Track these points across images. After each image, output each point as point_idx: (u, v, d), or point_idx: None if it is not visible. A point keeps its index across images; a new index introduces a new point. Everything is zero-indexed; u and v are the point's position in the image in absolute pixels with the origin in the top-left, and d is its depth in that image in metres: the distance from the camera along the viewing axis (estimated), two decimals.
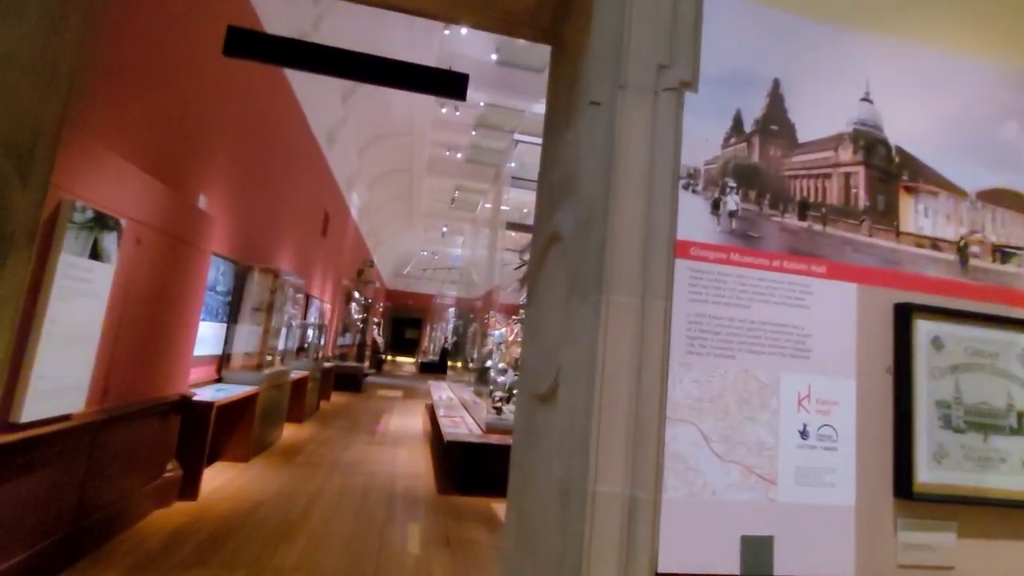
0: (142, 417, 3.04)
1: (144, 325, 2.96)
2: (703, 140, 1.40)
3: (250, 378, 4.90)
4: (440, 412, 6.05)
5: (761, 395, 1.33)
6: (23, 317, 2.01)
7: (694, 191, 1.37)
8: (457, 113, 10.57)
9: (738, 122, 1.43)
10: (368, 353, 15.97)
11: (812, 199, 1.44)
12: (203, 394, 3.95)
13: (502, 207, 9.41)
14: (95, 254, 2.34)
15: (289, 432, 6.25)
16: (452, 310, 24.89)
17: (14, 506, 2.11)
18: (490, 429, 4.93)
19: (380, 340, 19.94)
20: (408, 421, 8.34)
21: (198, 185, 3.89)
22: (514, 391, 5.56)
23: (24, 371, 2.03)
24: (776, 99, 1.46)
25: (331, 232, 10.16)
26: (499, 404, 5.39)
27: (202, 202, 3.87)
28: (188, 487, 3.59)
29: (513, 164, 7.80)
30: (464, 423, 5.43)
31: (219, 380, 4.82)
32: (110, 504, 2.81)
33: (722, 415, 1.31)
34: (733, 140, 1.42)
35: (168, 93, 3.39)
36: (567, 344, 1.47)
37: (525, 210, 10.89)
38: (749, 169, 1.42)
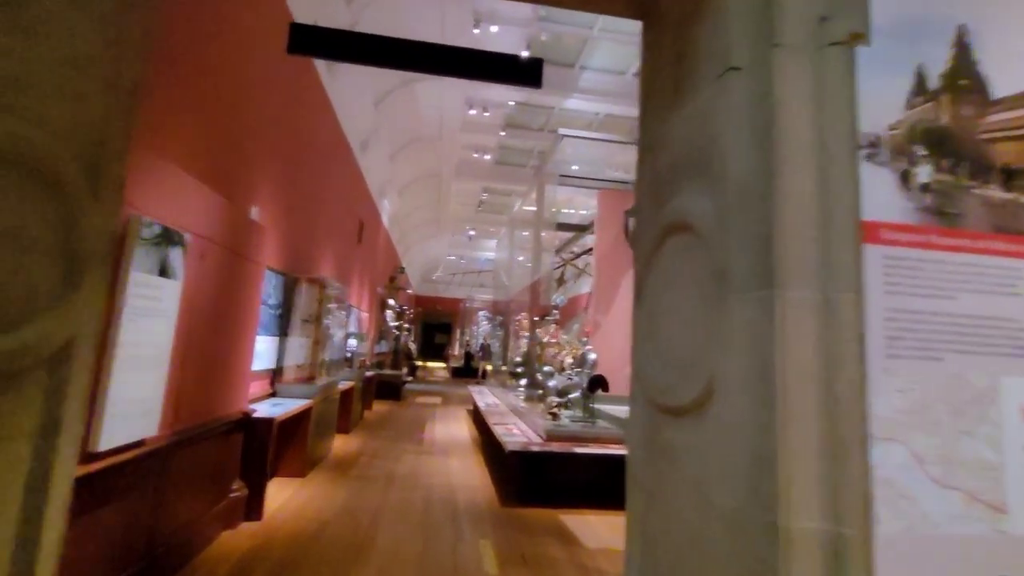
0: (209, 437, 2.94)
1: (208, 342, 2.86)
2: (882, 102, 1.17)
3: (304, 391, 4.81)
4: (492, 419, 5.88)
5: (978, 404, 1.10)
6: (99, 341, 1.91)
7: (878, 163, 1.15)
8: (486, 114, 10.44)
9: (921, 79, 1.20)
10: (403, 360, 15.97)
11: (1017, 166, 1.20)
12: (262, 410, 3.86)
13: (532, 207, 9.23)
14: (163, 271, 2.24)
15: (338, 444, 6.17)
16: (481, 313, 24.85)
17: (89, 540, 2.00)
18: (550, 437, 4.72)
19: (413, 346, 19.97)
20: (452, 428, 8.20)
21: (249, 197, 3.81)
22: (569, 395, 5.35)
23: (100, 397, 1.92)
24: (963, 49, 1.22)
25: (365, 240, 10.13)
26: (555, 410, 5.18)
27: (254, 214, 3.79)
28: (253, 506, 3.50)
29: (536, 162, 7.63)
30: (519, 430, 5.25)
31: (273, 394, 4.75)
32: (181, 529, 2.71)
33: (932, 430, 1.08)
34: (917, 100, 1.19)
35: (217, 102, 3.31)
36: (718, 350, 1.26)
37: (565, 209, 10.70)
38: (940, 133, 1.19)
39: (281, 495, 4.11)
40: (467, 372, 17.30)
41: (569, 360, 8.08)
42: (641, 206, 1.86)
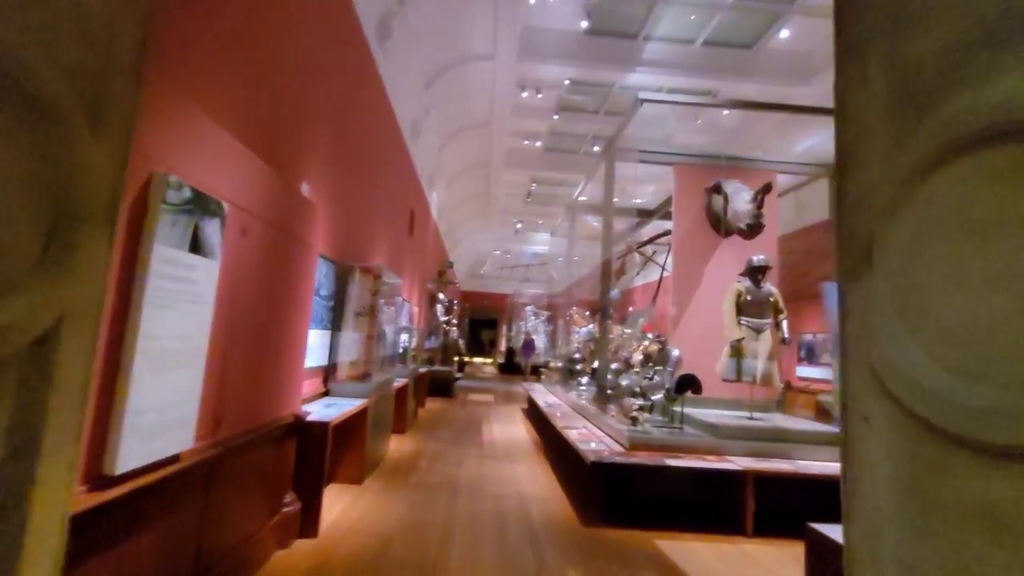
0: (258, 446, 2.53)
1: (254, 335, 2.44)
2: None
3: (359, 390, 4.41)
4: (560, 422, 5.31)
5: None
6: (110, 332, 1.47)
7: None
8: (539, 96, 9.85)
9: None
10: (454, 356, 15.69)
11: None
12: (315, 411, 3.46)
13: (590, 192, 8.55)
14: (195, 247, 1.80)
15: (394, 445, 5.78)
16: (528, 308, 24.35)
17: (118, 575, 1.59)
18: (634, 445, 4.11)
19: (461, 342, 19.71)
20: (510, 429, 7.71)
21: (298, 172, 3.40)
22: (651, 396, 4.71)
23: (117, 406, 1.49)
24: None
25: (416, 232, 9.78)
26: (636, 414, 4.56)
27: (305, 191, 3.38)
28: (308, 522, 3.09)
29: (593, 145, 6.89)
30: (594, 435, 4.66)
31: (326, 393, 4.37)
32: (230, 553, 2.30)
33: None
34: None
35: (266, 56, 2.89)
36: None
37: (638, 200, 9.97)
38: None
39: (337, 505, 3.71)
40: (510, 368, 16.80)
41: (639, 357, 7.40)
42: (861, 128, 1.24)
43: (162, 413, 1.67)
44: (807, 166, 5.89)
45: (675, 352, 4.93)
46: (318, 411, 3.54)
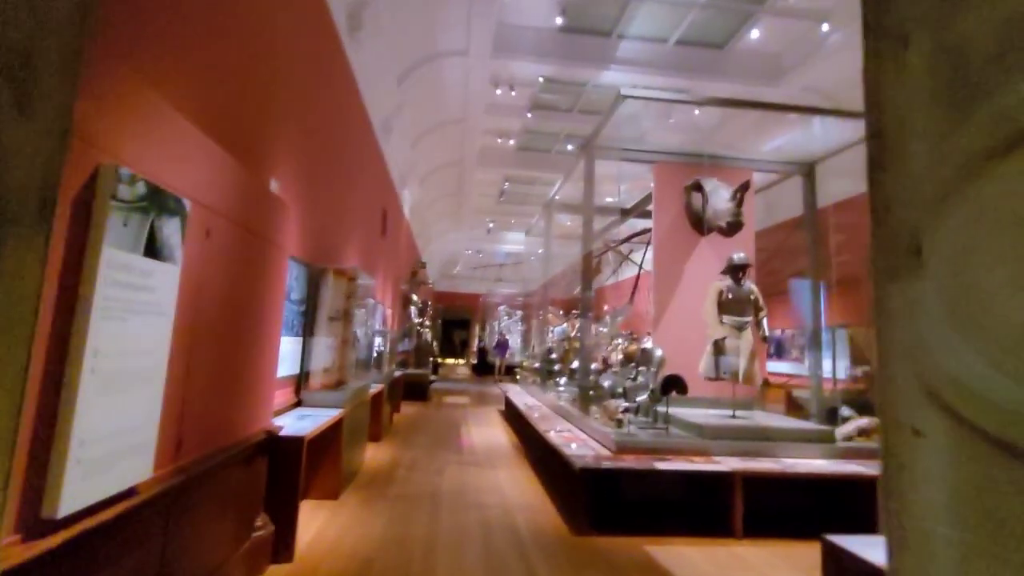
0: (226, 467, 2.30)
1: (221, 346, 2.22)
2: None
3: (333, 399, 4.18)
4: (541, 425, 5.20)
5: None
6: (49, 350, 1.26)
7: None
8: (513, 93, 9.72)
9: None
10: (428, 358, 15.43)
11: None
12: (288, 425, 3.23)
13: (567, 189, 8.50)
14: (152, 250, 1.58)
15: (371, 454, 5.55)
16: (501, 308, 24.23)
17: None
18: (621, 449, 4.03)
19: (434, 344, 19.42)
20: (489, 432, 7.55)
21: (267, 167, 3.16)
22: (636, 398, 4.64)
23: (59, 437, 1.27)
24: None
25: (389, 231, 9.50)
26: (621, 416, 4.48)
27: (274, 188, 3.14)
28: (282, 545, 2.87)
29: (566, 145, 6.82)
30: (578, 439, 4.56)
31: (299, 403, 4.13)
32: None
33: None
34: None
35: (231, 41, 2.65)
36: None
37: (610, 199, 9.94)
38: None
39: (313, 524, 3.48)
40: (484, 369, 16.59)
41: (618, 356, 7.37)
42: (900, 117, 1.15)
43: (114, 441, 1.46)
44: (784, 164, 5.96)
45: (658, 352, 4.89)
46: (291, 424, 3.31)
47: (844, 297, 7.39)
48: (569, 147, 12.68)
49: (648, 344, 7.51)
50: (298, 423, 3.38)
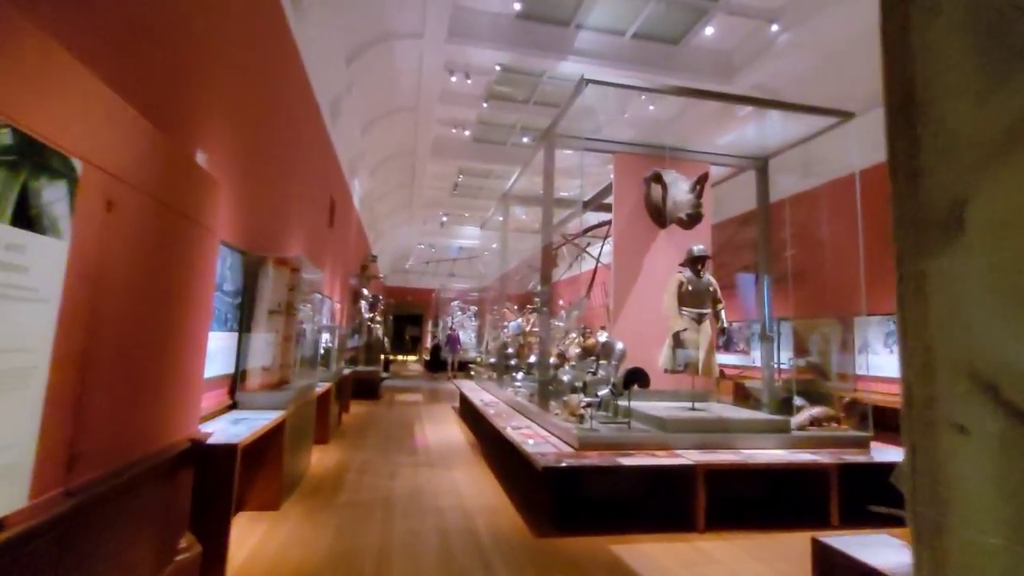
0: (140, 483, 1.96)
1: (131, 342, 1.87)
2: None
3: (274, 400, 3.82)
4: (499, 422, 5.01)
5: None
6: None
7: None
8: (468, 82, 9.44)
9: None
10: (379, 355, 14.93)
11: None
12: (219, 430, 2.88)
13: (524, 180, 8.33)
14: (24, 218, 1.25)
15: (317, 457, 5.18)
16: (454, 303, 23.89)
17: None
18: (584, 445, 3.90)
19: (386, 340, 18.85)
20: (444, 430, 7.30)
21: (195, 138, 2.78)
22: (598, 392, 4.53)
23: None
24: None
25: (337, 223, 9.01)
26: (582, 411, 4.36)
27: (202, 160, 2.76)
28: (212, 568, 2.53)
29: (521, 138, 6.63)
30: (539, 436, 4.40)
31: (233, 406, 3.74)
32: None
33: None
34: None
35: None
36: None
37: (564, 192, 9.82)
38: None
39: (249, 540, 3.14)
40: (437, 365, 16.13)
41: (575, 350, 7.28)
42: (933, 73, 1.02)
43: None
44: (740, 159, 6.03)
45: (619, 345, 4.80)
46: (223, 429, 2.96)
47: (787, 291, 7.63)
48: (525, 140, 12.52)
49: (603, 337, 7.49)
50: (232, 428, 3.02)
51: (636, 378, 4.20)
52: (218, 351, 3.43)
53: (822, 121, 5.29)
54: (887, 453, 4.20)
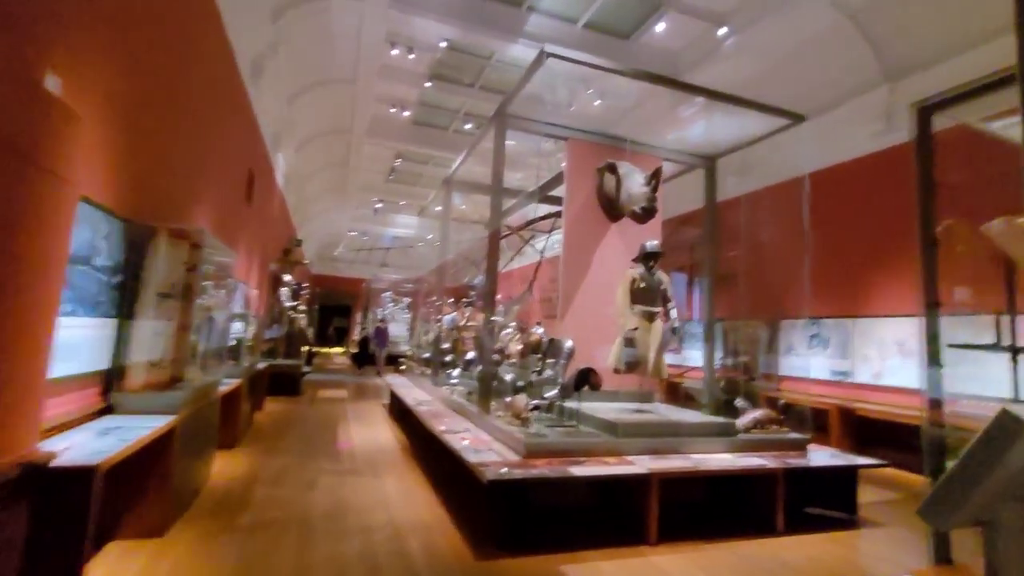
0: None
1: None
2: None
3: (162, 402, 3.14)
4: (437, 426, 4.55)
5: None
6: None
7: None
8: (411, 56, 8.82)
9: None
10: (302, 347, 13.87)
11: None
12: (79, 445, 2.22)
13: (469, 165, 7.87)
14: None
15: (220, 466, 4.46)
16: (386, 295, 22.92)
17: None
18: (532, 453, 3.55)
19: (310, 331, 17.63)
20: (372, 431, 6.71)
21: (38, 51, 2.08)
22: (545, 393, 4.20)
23: None
24: None
25: (257, 199, 8.08)
26: (527, 415, 4.01)
27: (53, 86, 2.07)
28: None
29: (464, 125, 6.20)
30: (480, 442, 4.01)
31: (107, 410, 3.02)
32: None
33: None
34: None
35: None
36: None
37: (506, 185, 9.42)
38: None
39: None
40: (365, 359, 15.10)
41: (516, 347, 6.95)
42: None
43: None
44: (690, 156, 5.93)
45: (568, 343, 4.50)
46: (84, 443, 2.30)
47: (721, 293, 7.74)
48: (468, 126, 12.01)
49: (539, 331, 7.20)
50: (96, 442, 2.36)
51: (586, 379, 3.91)
52: (84, 342, 2.72)
53: (771, 123, 5.29)
54: (821, 456, 4.22)
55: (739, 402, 4.91)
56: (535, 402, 4.02)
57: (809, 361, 7.91)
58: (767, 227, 7.77)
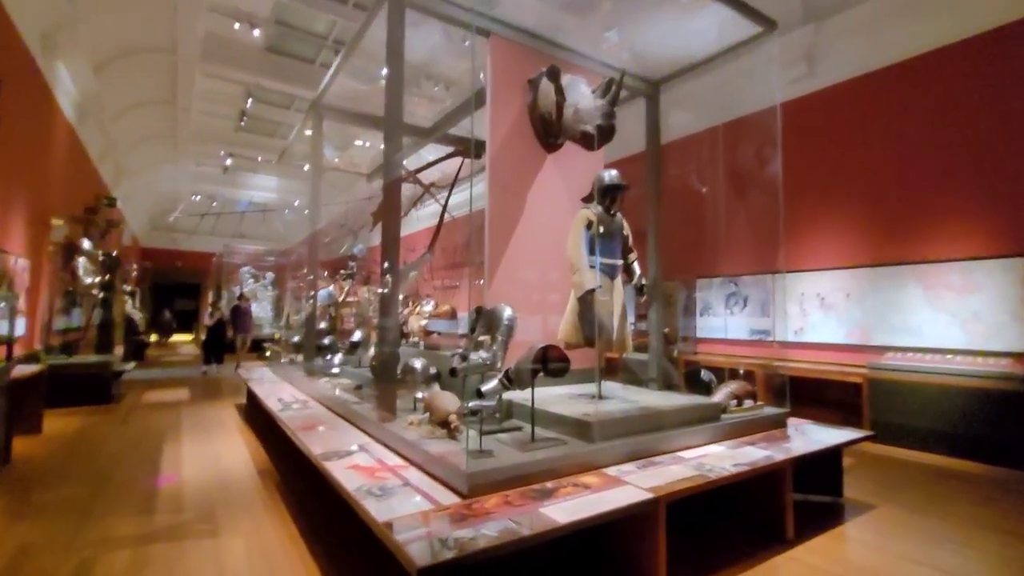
0: None
1: None
2: None
3: None
4: (316, 448, 2.97)
5: None
6: None
7: None
8: None
9: None
10: (122, 337, 10.82)
11: None
12: None
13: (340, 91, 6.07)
14: None
15: None
16: (245, 270, 19.60)
17: None
18: (478, 488, 2.20)
19: (137, 317, 14.06)
20: (216, 450, 4.80)
21: None
22: (484, 387, 2.84)
23: None
24: None
25: (11, 120, 5.40)
26: (457, 423, 2.63)
27: None
28: None
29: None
30: (385, 468, 2.55)
31: None
32: None
33: None
34: None
35: None
36: None
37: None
38: None
39: None
40: (218, 347, 12.06)
41: (423, 322, 5.46)
42: None
43: None
44: (636, 80, 4.84)
45: (507, 312, 3.17)
46: None
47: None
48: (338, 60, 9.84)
49: (429, 307, 5.83)
50: None
51: (550, 363, 2.64)
52: None
53: (721, 38, 4.38)
54: (817, 433, 3.49)
55: (704, 374, 4.04)
56: (474, 404, 2.64)
57: (726, 321, 7.58)
58: (681, 180, 7.10)
